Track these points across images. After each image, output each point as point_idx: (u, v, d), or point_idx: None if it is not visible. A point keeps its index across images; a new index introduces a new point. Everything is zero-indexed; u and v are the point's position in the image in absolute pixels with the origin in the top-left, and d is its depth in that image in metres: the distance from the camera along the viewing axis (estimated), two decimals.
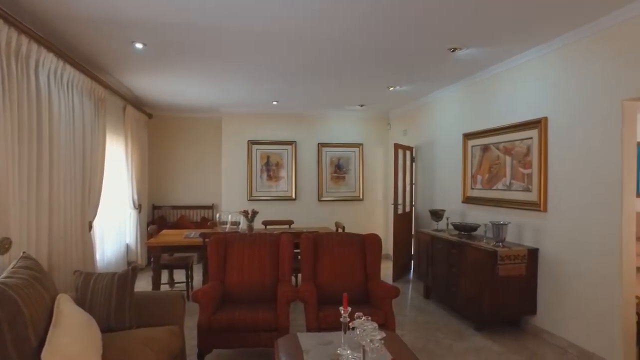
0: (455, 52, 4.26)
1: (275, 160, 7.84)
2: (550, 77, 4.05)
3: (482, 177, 5.08)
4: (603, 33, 3.47)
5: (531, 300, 4.21)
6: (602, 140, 3.50)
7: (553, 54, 4.00)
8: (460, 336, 4.19)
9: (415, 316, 4.81)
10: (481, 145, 5.10)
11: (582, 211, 3.69)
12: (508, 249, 4.12)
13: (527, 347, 3.94)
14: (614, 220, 3.38)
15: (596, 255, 3.55)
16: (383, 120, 8.27)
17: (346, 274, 3.83)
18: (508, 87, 4.65)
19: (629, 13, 3.21)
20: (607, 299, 3.46)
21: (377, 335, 1.89)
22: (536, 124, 4.17)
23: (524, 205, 4.33)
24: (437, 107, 6.32)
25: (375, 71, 5.08)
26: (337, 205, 8.03)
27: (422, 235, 5.60)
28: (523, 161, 4.39)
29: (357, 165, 8.10)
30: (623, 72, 3.32)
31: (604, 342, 3.48)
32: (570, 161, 3.83)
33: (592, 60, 3.60)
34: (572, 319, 3.80)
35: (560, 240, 3.93)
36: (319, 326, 3.38)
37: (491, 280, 4.09)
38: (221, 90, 6.12)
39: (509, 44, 4.05)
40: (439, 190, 6.28)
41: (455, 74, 5.21)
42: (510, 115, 4.59)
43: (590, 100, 3.62)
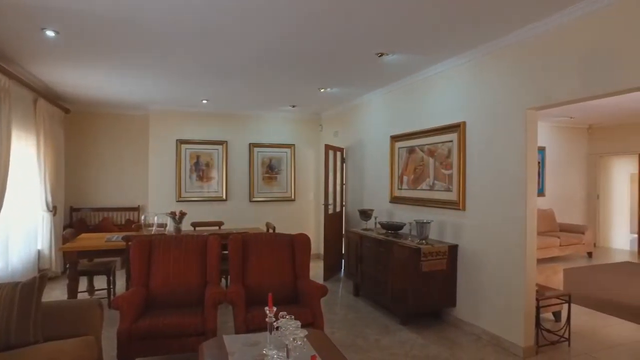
0: (383, 57, 4.43)
1: (206, 160, 7.63)
2: (467, 85, 4.36)
3: (408, 178, 5.33)
4: (509, 49, 3.81)
5: (451, 293, 4.50)
6: (509, 145, 3.83)
7: (470, 64, 4.31)
8: (387, 331, 4.36)
9: (345, 314, 4.93)
10: (407, 147, 5.35)
11: (493, 209, 4.02)
12: (431, 246, 4.36)
13: (447, 337, 4.20)
14: (519, 216, 3.72)
15: (505, 249, 3.88)
16: (315, 122, 8.38)
17: (275, 274, 3.83)
18: (432, 92, 4.92)
19: (529, 33, 3.56)
20: (513, 288, 3.79)
21: (300, 333, 1.91)
22: (456, 128, 4.46)
23: (446, 204, 4.62)
24: (367, 110, 6.53)
25: (306, 73, 5.13)
26: (269, 206, 8.00)
27: (352, 235, 5.75)
28: (445, 163, 4.67)
29: (289, 165, 8.13)
30: (526, 85, 3.66)
31: (511, 327, 3.82)
32: (483, 163, 4.15)
33: (501, 72, 3.93)
34: (486, 308, 4.11)
35: (476, 236, 4.24)
36: (247, 327, 3.35)
37: (415, 276, 4.30)
38: (147, 86, 5.84)
39: (432, 52, 4.29)
40: (368, 191, 6.49)
41: (383, 78, 5.41)
42: (433, 119, 4.87)
43: (500, 108, 3.95)
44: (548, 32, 3.43)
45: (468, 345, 3.99)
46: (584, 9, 3.10)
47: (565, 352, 3.85)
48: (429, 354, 3.79)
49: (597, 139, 9.69)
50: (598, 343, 4.06)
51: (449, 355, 3.77)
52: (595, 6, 3.02)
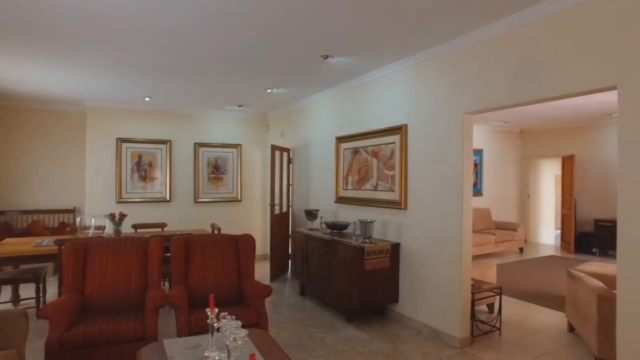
0: (328, 60, 4.50)
1: (148, 159, 7.35)
2: (410, 89, 4.53)
3: (353, 178, 5.45)
4: (448, 55, 4.02)
5: (394, 290, 4.65)
6: (447, 147, 4.04)
7: (412, 68, 4.48)
8: (333, 329, 4.43)
9: (291, 313, 4.95)
10: (352, 148, 5.47)
11: (433, 208, 4.21)
12: (374, 245, 4.49)
13: (390, 332, 4.34)
14: (456, 215, 3.93)
15: (443, 246, 4.08)
16: (262, 122, 8.33)
17: (219, 275, 3.78)
18: (376, 95, 5.07)
19: (465, 41, 3.77)
20: (450, 283, 4.00)
21: (241, 333, 1.91)
22: (398, 130, 4.63)
23: (388, 204, 4.77)
24: (314, 111, 6.60)
25: (252, 73, 5.10)
26: (214, 207, 7.85)
27: (298, 235, 5.79)
28: (388, 164, 4.83)
29: (236, 166, 8.03)
30: (463, 90, 3.88)
31: (448, 320, 4.02)
32: (424, 164, 4.33)
33: (440, 77, 4.13)
34: (426, 303, 4.30)
35: (417, 235, 4.42)
36: (190, 330, 3.27)
37: (359, 274, 4.41)
38: (82, 81, 5.53)
39: (377, 55, 4.42)
40: (314, 191, 6.55)
41: (329, 80, 5.49)
42: (377, 121, 5.01)
43: (439, 112, 4.14)
44: (482, 42, 3.65)
45: (409, 339, 4.15)
46: (512, 22, 3.34)
47: (497, 340, 4.12)
48: (372, 349, 3.91)
49: (528, 143, 10.41)
50: (525, 330, 4.39)
51: (391, 349, 3.90)
52: (522, 21, 3.27)
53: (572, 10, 2.94)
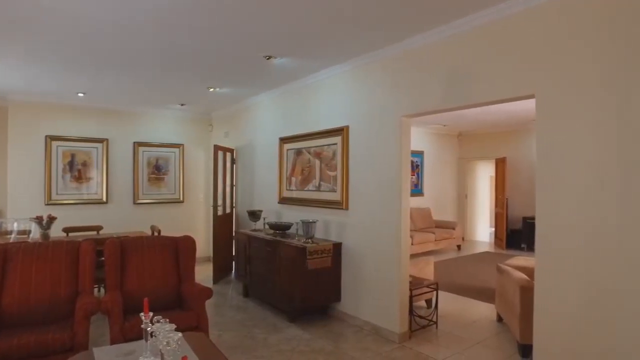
0: (271, 60, 4.50)
1: (82, 159, 6.94)
2: (352, 91, 4.64)
3: (296, 179, 5.49)
4: (388, 60, 4.15)
5: (336, 289, 4.74)
6: (386, 149, 4.18)
7: (354, 71, 4.59)
8: (275, 329, 4.43)
9: (234, 315, 4.89)
10: (295, 149, 5.51)
11: (373, 208, 4.34)
12: (316, 245, 4.55)
13: (332, 330, 4.41)
14: (394, 214, 4.08)
15: (383, 245, 4.21)
16: (205, 121, 8.16)
17: (158, 278, 3.66)
18: (319, 96, 5.13)
19: (405, 47, 3.92)
20: (390, 280, 4.14)
21: (174, 336, 1.87)
22: (340, 132, 4.72)
23: (331, 204, 4.85)
24: (258, 111, 6.56)
25: (194, 71, 4.99)
26: (155, 208, 7.57)
27: (241, 236, 5.73)
28: (330, 165, 4.91)
29: (178, 166, 7.79)
30: (401, 94, 4.03)
31: (388, 316, 4.15)
32: (364, 165, 4.45)
33: (380, 81, 4.26)
34: (367, 300, 4.41)
35: (358, 234, 4.53)
36: (125, 337, 3.14)
37: (302, 274, 4.45)
38: (2, 72, 5.11)
39: (320, 58, 4.48)
40: (258, 192, 6.52)
41: (273, 81, 5.49)
42: (320, 122, 5.08)
43: (379, 114, 4.28)
44: (418, 49, 3.82)
45: (351, 337, 4.24)
46: (445, 33, 3.53)
47: (434, 333, 4.32)
48: (315, 348, 3.95)
49: (466, 145, 10.98)
50: (459, 322, 4.64)
51: (332, 347, 3.97)
52: (454, 31, 3.46)
53: (497, 24, 3.16)
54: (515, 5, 3.00)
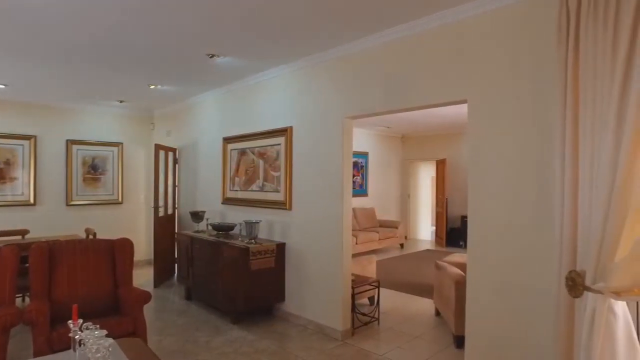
0: (214, 59, 4.42)
1: (5, 157, 6.42)
2: (296, 92, 4.66)
3: (240, 179, 5.43)
4: (332, 62, 4.21)
5: (280, 289, 4.73)
6: (329, 150, 4.24)
7: (298, 72, 4.61)
8: (218, 331, 4.36)
9: (175, 319, 4.74)
10: (239, 149, 5.44)
11: (316, 207, 4.38)
12: (259, 245, 4.52)
13: (276, 331, 4.40)
14: (337, 214, 4.15)
15: (326, 244, 4.27)
16: (146, 119, 7.84)
17: (91, 284, 3.47)
18: (263, 97, 5.11)
19: (347, 50, 4.00)
20: (332, 279, 4.20)
21: (105, 343, 1.79)
22: (284, 132, 4.72)
23: (274, 204, 4.84)
24: (201, 110, 6.41)
25: (133, 67, 4.78)
26: (91, 210, 7.16)
27: (183, 237, 5.58)
28: (274, 165, 4.90)
29: (116, 165, 7.42)
30: (344, 96, 4.11)
31: (332, 314, 4.21)
32: (308, 166, 4.49)
33: (324, 82, 4.32)
34: (311, 299, 4.45)
35: (302, 234, 4.56)
36: (52, 348, 2.95)
37: (245, 275, 4.40)
38: None
39: (264, 58, 4.46)
40: (202, 192, 6.38)
41: (217, 80, 5.38)
42: (264, 122, 5.05)
43: (322, 115, 4.33)
44: (360, 52, 3.91)
45: (295, 336, 4.26)
46: (385, 37, 3.64)
47: (376, 329, 4.43)
48: (258, 348, 3.93)
49: (409, 147, 11.37)
50: (400, 318, 4.79)
51: (276, 347, 3.97)
52: (394, 37, 3.58)
53: (432, 32, 3.32)
54: (449, 16, 3.15)
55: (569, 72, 2.02)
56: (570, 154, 1.99)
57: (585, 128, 1.91)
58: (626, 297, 1.66)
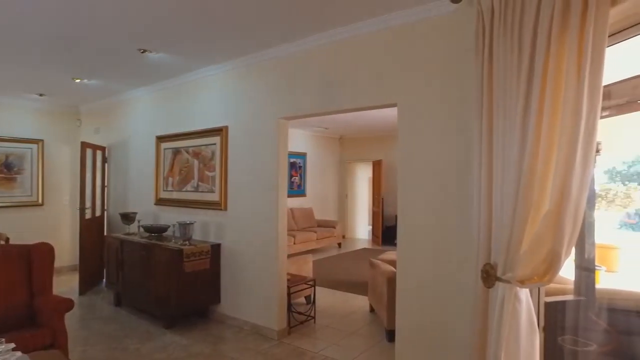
0: (146, 54, 4.26)
1: None
2: (232, 91, 4.61)
3: (174, 179, 5.27)
4: (268, 62, 4.23)
5: (216, 291, 4.66)
6: (264, 150, 4.25)
7: (235, 71, 4.57)
8: (150, 337, 4.20)
9: (103, 327, 4.50)
10: (173, 148, 5.28)
11: (251, 208, 4.37)
12: (194, 246, 4.42)
13: (211, 333, 4.32)
14: (272, 214, 4.16)
15: (261, 244, 4.27)
16: (72, 115, 7.34)
17: (2, 294, 3.19)
18: (198, 95, 4.99)
19: (283, 52, 4.03)
20: (268, 279, 4.21)
21: (11, 357, 1.67)
22: (219, 132, 4.66)
23: (209, 205, 4.76)
24: (133, 107, 6.13)
25: (53, 57, 4.46)
26: (5, 213, 6.55)
27: (112, 240, 5.30)
28: (209, 165, 4.81)
29: (36, 164, 6.86)
30: (279, 96, 4.14)
31: (268, 314, 4.22)
32: (243, 166, 4.47)
33: (260, 82, 4.32)
34: (247, 300, 4.43)
35: (237, 235, 4.52)
36: None
37: (178, 278, 4.28)
38: None
39: (199, 56, 4.37)
40: (133, 193, 6.10)
41: (150, 76, 5.18)
42: (199, 121, 4.94)
43: (258, 116, 4.33)
44: (297, 53, 3.96)
45: (231, 338, 4.22)
46: (319, 40, 3.72)
47: (312, 328, 4.50)
48: (192, 352, 3.84)
49: (346, 148, 11.62)
50: (336, 315, 4.90)
51: (211, 350, 3.90)
52: (328, 40, 3.67)
53: (365, 37, 3.45)
54: (382, 23, 3.30)
55: (484, 82, 2.19)
56: (486, 158, 2.17)
57: (498, 134, 2.08)
58: (528, 285, 1.84)
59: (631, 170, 12.70)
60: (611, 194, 10.54)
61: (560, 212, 1.68)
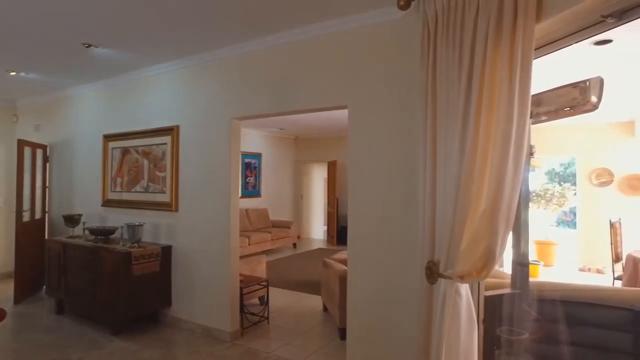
0: (91, 49, 4.08)
1: None
2: (184, 90, 4.52)
3: (123, 180, 5.08)
4: (221, 61, 4.19)
5: (166, 294, 4.54)
6: (217, 150, 4.21)
7: (187, 70, 4.48)
8: (96, 345, 4.02)
9: (41, 338, 4.24)
10: (122, 147, 5.10)
11: (203, 209, 4.31)
12: (143, 249, 4.29)
13: (162, 338, 4.21)
14: (224, 215, 4.13)
15: (213, 246, 4.22)
16: (8, 111, 6.87)
17: None
18: (149, 93, 4.85)
19: (237, 51, 4.01)
20: (220, 281, 4.17)
21: None
22: (170, 131, 4.55)
23: (160, 206, 4.64)
24: (79, 104, 5.84)
25: None
26: None
27: (53, 244, 5.03)
28: (159, 165, 4.69)
29: None
30: (232, 96, 4.12)
31: (220, 316, 4.18)
32: (195, 166, 4.39)
33: (213, 82, 4.27)
34: (199, 302, 4.35)
35: (189, 236, 4.44)
36: None
37: (127, 281, 4.14)
38: None
39: (149, 54, 4.25)
40: (78, 194, 5.81)
41: (96, 72, 4.97)
42: (150, 120, 4.80)
43: (210, 115, 4.28)
44: (250, 54, 3.95)
45: (182, 341, 4.13)
46: (272, 42, 3.75)
47: (265, 328, 4.50)
48: (141, 358, 3.74)
49: (302, 149, 11.67)
50: (290, 315, 4.93)
51: (160, 355, 3.81)
52: (280, 41, 3.71)
53: (317, 40, 3.51)
54: (334, 26, 3.36)
55: (429, 86, 2.30)
56: (430, 159, 2.27)
57: (441, 136, 2.19)
58: (467, 280, 1.96)
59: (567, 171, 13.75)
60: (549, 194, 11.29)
61: (494, 211, 1.80)
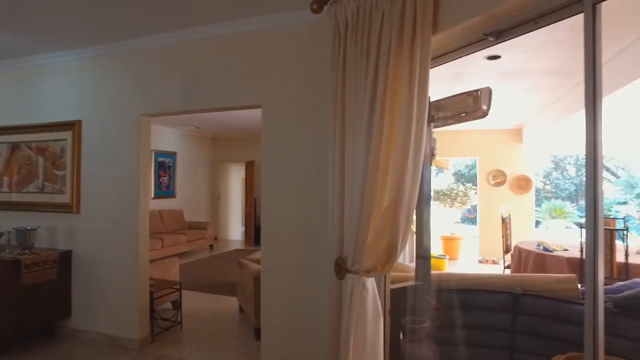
0: None
1: None
2: (87, 82, 4.17)
3: (11, 179, 4.56)
4: (131, 54, 3.94)
5: (65, 304, 4.17)
6: (124, 148, 3.96)
7: (91, 60, 4.14)
8: None
9: None
10: (10, 143, 4.57)
11: (109, 210, 4.03)
12: (36, 255, 3.89)
13: (60, 352, 3.86)
14: (132, 217, 3.90)
15: (120, 250, 3.97)
16: None
17: None
18: (46, 83, 4.39)
19: (148, 44, 3.82)
20: (128, 286, 3.93)
21: None
22: (71, 126, 4.18)
23: (58, 208, 4.24)
24: None
25: None
26: None
27: None
28: (57, 163, 4.28)
29: None
30: (142, 92, 3.91)
31: (127, 324, 3.93)
32: (100, 165, 4.09)
33: (121, 75, 4.01)
34: (103, 311, 4.06)
35: (93, 240, 4.11)
36: None
37: (14, 293, 3.71)
38: None
39: (46, 38, 3.85)
40: None
41: None
42: (46, 113, 4.36)
43: (117, 110, 4.01)
44: (162, 47, 3.78)
45: (82, 355, 3.82)
46: (186, 37, 3.62)
47: (178, 333, 4.33)
48: None
49: (219, 148, 11.38)
50: (204, 318, 4.80)
51: None
52: (193, 37, 3.60)
53: (232, 38, 3.46)
54: (250, 25, 3.35)
55: (339, 87, 2.39)
56: (339, 157, 2.36)
57: (349, 135, 2.29)
58: (373, 274, 2.07)
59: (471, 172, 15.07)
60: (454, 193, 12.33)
61: (395, 208, 1.92)
